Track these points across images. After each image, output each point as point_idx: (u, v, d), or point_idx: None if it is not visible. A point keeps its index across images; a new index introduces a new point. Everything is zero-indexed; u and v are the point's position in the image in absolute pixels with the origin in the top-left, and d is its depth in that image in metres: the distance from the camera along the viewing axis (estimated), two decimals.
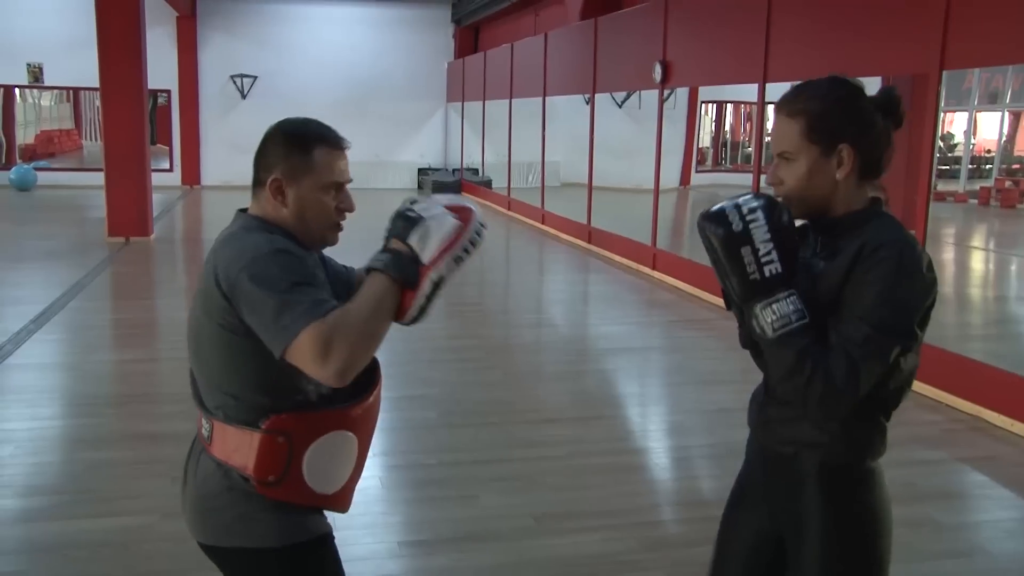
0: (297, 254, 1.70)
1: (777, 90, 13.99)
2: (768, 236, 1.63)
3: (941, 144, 15.00)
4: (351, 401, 1.80)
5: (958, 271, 10.95)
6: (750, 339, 1.80)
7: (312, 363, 1.58)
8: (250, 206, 1.84)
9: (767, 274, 1.62)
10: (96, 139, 21.66)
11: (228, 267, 1.67)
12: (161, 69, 16.21)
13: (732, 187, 17.90)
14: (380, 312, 1.66)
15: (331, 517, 3.81)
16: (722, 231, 1.65)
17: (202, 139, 18.70)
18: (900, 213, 12.68)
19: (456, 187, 18.44)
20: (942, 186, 17.20)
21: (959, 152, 18.89)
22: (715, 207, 1.69)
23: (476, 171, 18.24)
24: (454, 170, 19.24)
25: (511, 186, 15.40)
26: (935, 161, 5.81)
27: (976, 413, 5.08)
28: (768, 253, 1.62)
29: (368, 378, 1.82)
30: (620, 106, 17.43)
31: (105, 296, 8.44)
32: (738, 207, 1.66)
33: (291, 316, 1.59)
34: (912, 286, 1.63)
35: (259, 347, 1.66)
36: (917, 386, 5.48)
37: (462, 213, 1.74)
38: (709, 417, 5.10)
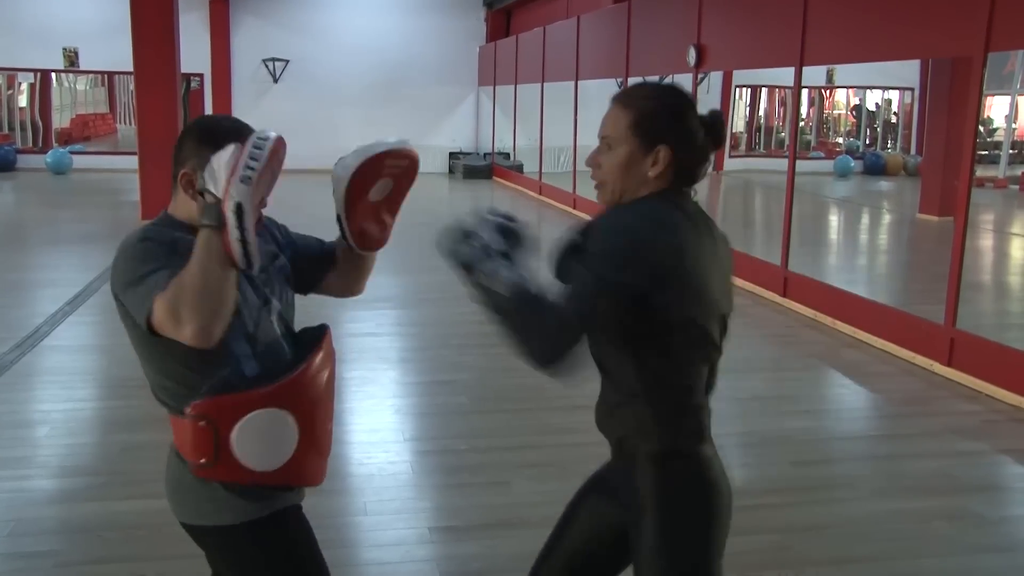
0: (160, 240, 1.77)
1: (814, 74, 13.69)
2: (492, 264, 1.69)
3: (981, 129, 14.72)
4: (276, 380, 1.82)
5: (997, 259, 10.75)
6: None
7: (173, 331, 1.64)
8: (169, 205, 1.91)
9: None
10: (130, 123, 21.86)
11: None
12: (194, 53, 16.29)
13: (766, 172, 17.70)
14: (208, 264, 1.62)
15: (362, 503, 3.79)
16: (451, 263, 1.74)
17: None
18: (938, 199, 12.46)
19: (487, 171, 18.39)
20: (981, 172, 16.88)
21: (999, 137, 18.53)
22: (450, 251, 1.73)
23: (507, 155, 18.18)
24: (485, 154, 19.19)
25: (542, 170, 15.33)
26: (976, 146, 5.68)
27: (1017, 403, 4.97)
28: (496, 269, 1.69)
29: (294, 355, 1.90)
30: None
31: None
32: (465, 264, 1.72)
33: (144, 294, 1.68)
34: (623, 242, 1.67)
35: (161, 338, 1.71)
36: (955, 375, 5.42)
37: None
38: (742, 405, 5.03)
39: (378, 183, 1.97)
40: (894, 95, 21.77)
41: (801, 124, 17.44)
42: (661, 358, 1.76)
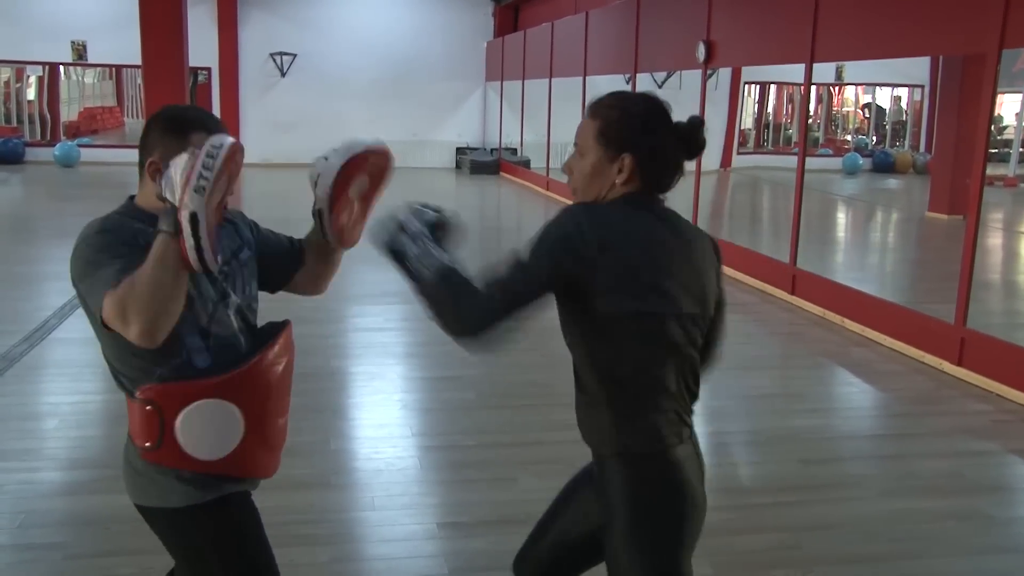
0: (118, 232, 1.79)
1: (823, 70, 13.60)
2: (416, 249, 1.79)
3: (991, 127, 14.60)
4: (225, 372, 1.86)
5: (1007, 257, 10.71)
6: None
7: (120, 328, 1.68)
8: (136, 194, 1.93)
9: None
10: (138, 116, 21.89)
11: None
12: (202, 47, 16.28)
13: (774, 169, 17.66)
14: (163, 267, 1.66)
15: (370, 498, 3.79)
16: (385, 252, 1.83)
17: (242, 117, 18.75)
18: (947, 197, 12.43)
19: (494, 167, 18.37)
20: (991, 170, 16.75)
21: (1009, 135, 18.45)
22: (381, 236, 1.83)
23: (514, 151, 18.16)
24: (492, 150, 19.17)
25: (550, 166, 15.31)
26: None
27: None
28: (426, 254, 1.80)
29: (251, 349, 1.93)
30: (660, 86, 17.22)
31: None
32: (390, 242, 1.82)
33: (96, 289, 1.72)
34: (550, 236, 1.75)
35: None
36: (965, 375, 5.39)
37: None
38: (749, 403, 5.03)
39: (358, 180, 2.02)
40: (903, 92, 21.69)
41: (809, 121, 17.37)
42: (614, 358, 1.81)
